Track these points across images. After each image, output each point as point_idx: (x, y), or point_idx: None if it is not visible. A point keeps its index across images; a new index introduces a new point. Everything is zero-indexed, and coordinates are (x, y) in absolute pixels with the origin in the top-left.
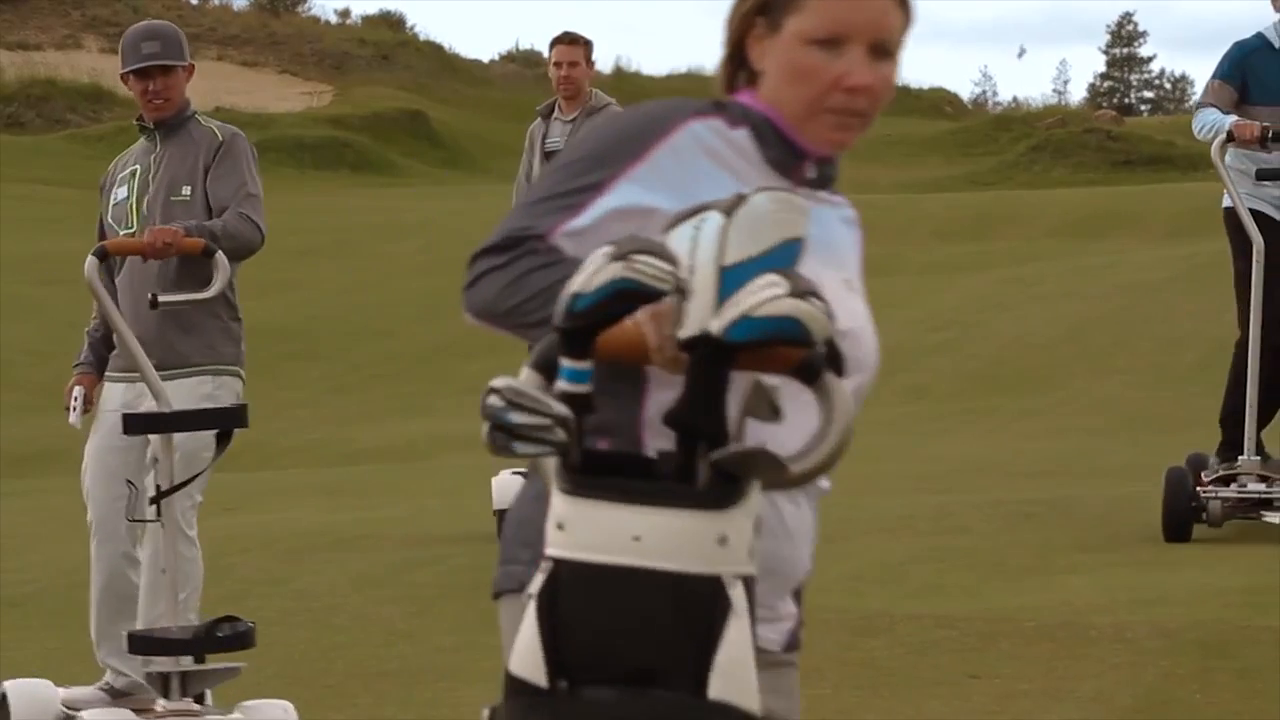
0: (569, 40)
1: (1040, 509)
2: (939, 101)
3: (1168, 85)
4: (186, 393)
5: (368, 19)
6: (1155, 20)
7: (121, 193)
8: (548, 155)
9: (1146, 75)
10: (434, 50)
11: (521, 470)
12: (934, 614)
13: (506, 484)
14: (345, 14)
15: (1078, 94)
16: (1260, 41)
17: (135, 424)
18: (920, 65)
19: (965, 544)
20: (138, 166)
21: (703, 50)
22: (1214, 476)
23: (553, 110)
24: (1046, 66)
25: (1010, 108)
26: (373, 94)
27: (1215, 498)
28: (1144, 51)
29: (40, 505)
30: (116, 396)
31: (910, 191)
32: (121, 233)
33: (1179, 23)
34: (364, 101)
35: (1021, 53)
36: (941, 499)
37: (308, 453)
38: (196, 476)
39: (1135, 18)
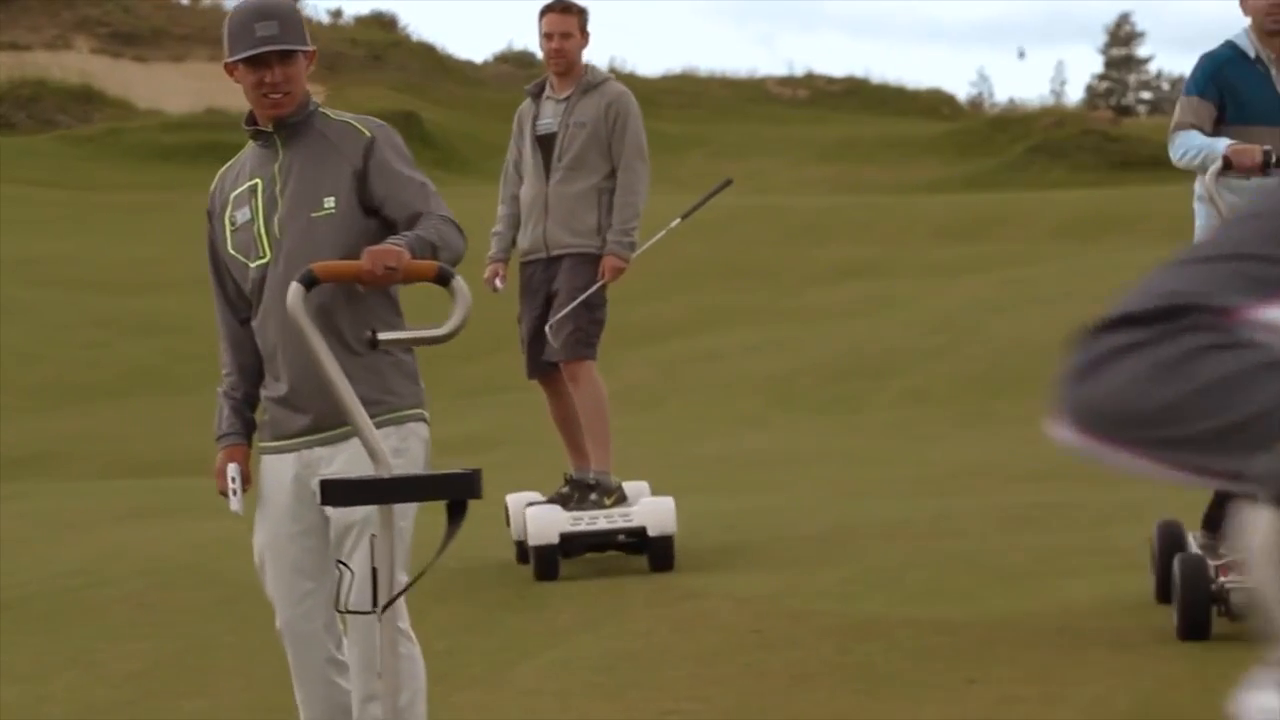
0: (560, 8)
1: (1039, 513)
2: (936, 103)
3: (1165, 86)
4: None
5: (360, 19)
6: (1153, 21)
7: (242, 215)
8: (540, 140)
9: (1144, 76)
10: (426, 51)
11: (539, 499)
12: (931, 618)
13: (537, 516)
14: (338, 14)
15: (1075, 95)
16: (1232, 51)
17: (342, 493)
18: (916, 66)
19: (963, 548)
20: (257, 180)
21: (697, 51)
22: (1228, 561)
23: (543, 89)
24: (1043, 67)
25: (1007, 109)
26: (365, 94)
27: (1241, 588)
28: (1142, 52)
29: (32, 508)
30: (284, 472)
31: (907, 193)
32: (253, 265)
33: (1177, 23)
34: (356, 102)
35: (1022, 54)
36: (939, 503)
37: None
38: (425, 573)
39: (1133, 18)
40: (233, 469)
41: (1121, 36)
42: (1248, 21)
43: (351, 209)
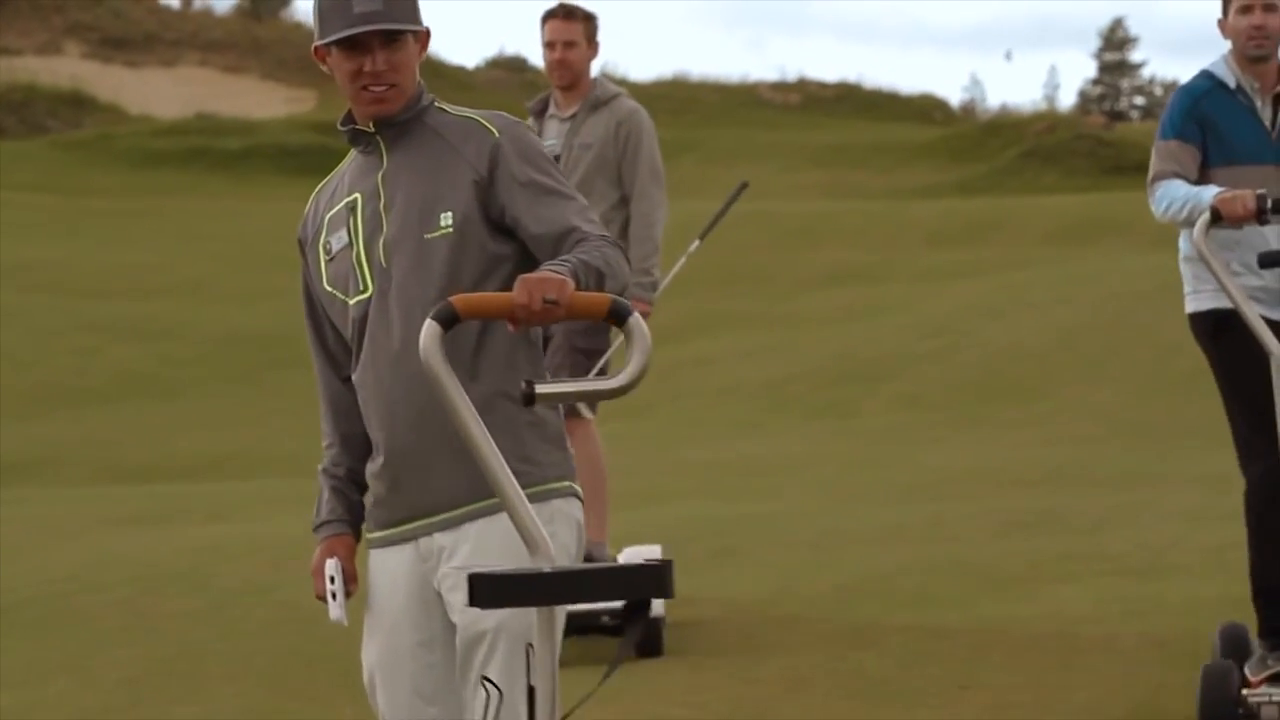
0: (564, 14)
1: (1031, 518)
2: (927, 107)
3: (1159, 91)
4: (500, 539)
5: None
6: (1147, 25)
7: (339, 240)
8: None
9: (1137, 81)
10: None
11: None
12: (924, 624)
13: None
14: None
15: (1068, 100)
16: (1210, 82)
17: (498, 591)
18: (908, 70)
19: (956, 554)
20: (356, 196)
21: (688, 56)
22: (1267, 674)
23: (546, 106)
24: (1036, 72)
25: (1000, 114)
26: None
27: (1270, 701)
28: (1135, 57)
29: (23, 514)
30: (400, 568)
31: (900, 198)
32: (352, 302)
33: (1171, 28)
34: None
35: (1009, 56)
36: (932, 508)
37: (292, 461)
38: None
39: (1126, 23)
40: (332, 566)
41: (1115, 41)
42: (1227, 46)
43: (476, 227)
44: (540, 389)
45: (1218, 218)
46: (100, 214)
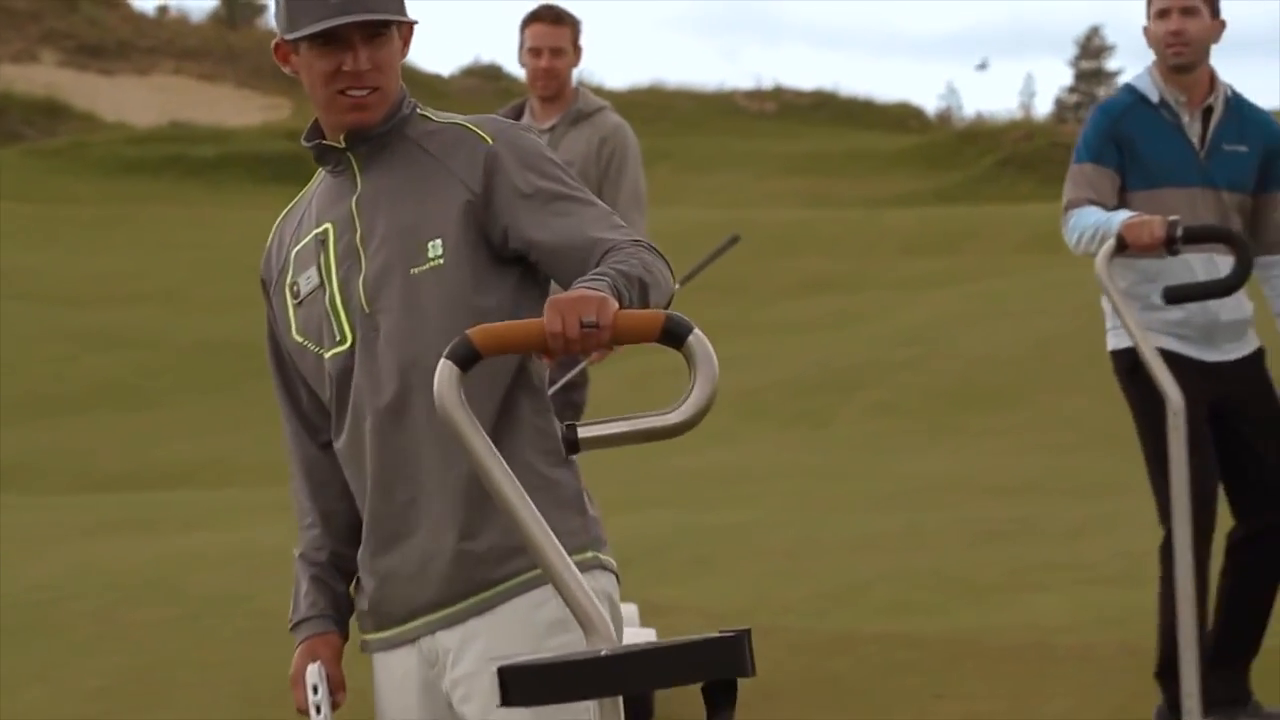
0: (552, 18)
1: (1008, 527)
2: (903, 116)
3: None
4: (517, 630)
5: None
6: (1123, 33)
7: (308, 280)
8: None
9: (1113, 90)
10: None
11: None
12: (899, 633)
13: None
14: None
15: (1044, 108)
16: (1131, 97)
17: (538, 685)
18: (883, 78)
19: (931, 563)
20: (328, 226)
21: (664, 63)
22: None
23: (520, 116)
24: (1012, 80)
25: (976, 122)
26: None
27: None
28: (1111, 65)
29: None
30: (406, 677)
31: (876, 207)
32: (328, 355)
33: None
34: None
35: (982, 65)
36: (908, 517)
37: (269, 470)
38: None
39: (1103, 30)
40: (314, 672)
41: (1092, 49)
42: (1152, 58)
43: (470, 254)
44: (584, 433)
45: (1124, 246)
46: (75, 222)
